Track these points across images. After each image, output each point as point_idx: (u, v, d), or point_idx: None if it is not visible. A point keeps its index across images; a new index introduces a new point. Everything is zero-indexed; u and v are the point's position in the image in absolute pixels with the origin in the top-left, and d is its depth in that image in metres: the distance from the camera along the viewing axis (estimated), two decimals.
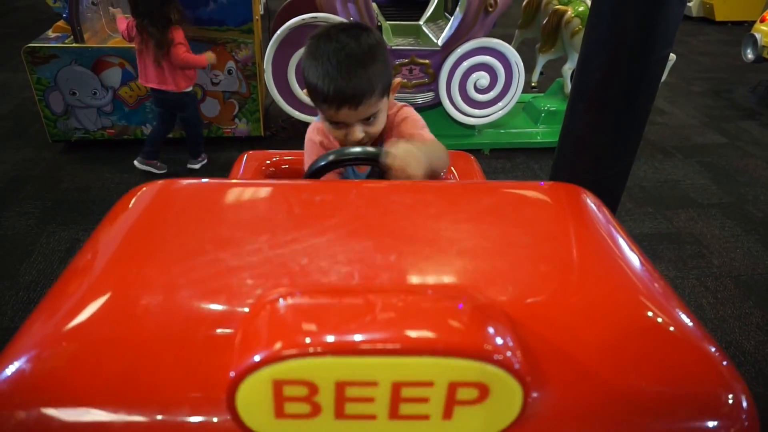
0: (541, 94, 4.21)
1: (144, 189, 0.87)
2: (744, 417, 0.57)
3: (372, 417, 0.53)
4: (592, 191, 0.92)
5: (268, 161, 1.67)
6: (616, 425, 0.57)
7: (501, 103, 3.56)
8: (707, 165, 3.69)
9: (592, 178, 1.98)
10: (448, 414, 0.52)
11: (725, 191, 3.37)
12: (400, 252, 0.70)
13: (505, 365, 0.50)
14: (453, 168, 1.65)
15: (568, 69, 3.83)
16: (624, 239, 0.79)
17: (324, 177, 1.15)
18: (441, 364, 0.49)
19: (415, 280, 0.67)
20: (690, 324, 0.65)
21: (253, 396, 0.50)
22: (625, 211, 3.08)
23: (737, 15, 7.53)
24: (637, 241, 0.82)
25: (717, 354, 0.61)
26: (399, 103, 1.35)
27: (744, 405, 0.58)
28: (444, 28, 3.49)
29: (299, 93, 3.32)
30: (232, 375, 0.50)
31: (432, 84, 3.47)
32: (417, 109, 1.36)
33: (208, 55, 3.10)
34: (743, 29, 6.50)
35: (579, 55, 1.96)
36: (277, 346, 0.49)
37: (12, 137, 3.71)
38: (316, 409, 0.52)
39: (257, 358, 0.49)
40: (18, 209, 2.91)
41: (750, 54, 4.88)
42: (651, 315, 0.65)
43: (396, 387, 0.51)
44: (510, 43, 3.46)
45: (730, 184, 3.46)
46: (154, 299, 0.62)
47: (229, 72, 3.42)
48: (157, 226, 0.79)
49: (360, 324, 0.51)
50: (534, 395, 0.55)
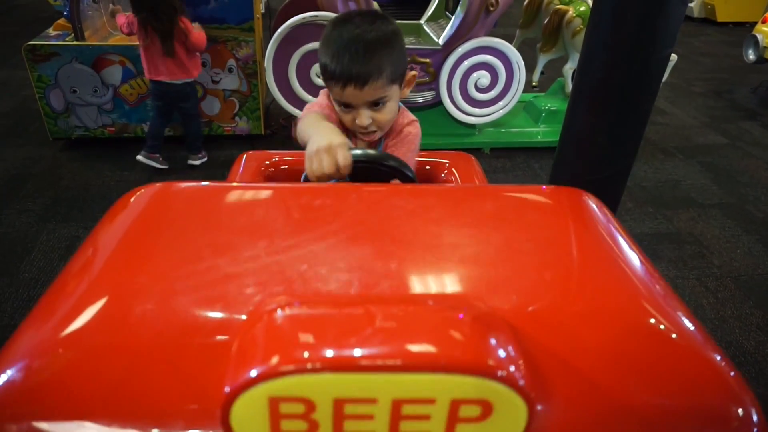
0: (542, 93, 4.20)
1: (141, 191, 0.86)
2: (755, 431, 0.56)
3: None
4: (592, 191, 0.91)
5: (267, 162, 1.66)
6: None
7: (502, 103, 3.55)
8: (708, 165, 3.68)
9: (592, 177, 1.97)
10: None
11: (726, 192, 3.36)
12: (400, 258, 0.69)
13: (509, 381, 0.49)
14: (454, 169, 1.63)
15: (569, 69, 3.82)
16: (628, 245, 0.78)
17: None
18: (443, 380, 0.48)
19: (417, 288, 0.66)
20: (697, 334, 0.63)
21: (249, 413, 0.49)
22: (626, 211, 3.07)
23: (739, 16, 7.52)
24: (637, 241, 0.81)
25: (725, 365, 0.60)
26: (412, 116, 1.36)
27: (754, 419, 0.57)
28: (445, 27, 3.47)
29: (300, 91, 3.31)
30: (227, 390, 0.48)
31: (433, 83, 3.45)
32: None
33: (195, 26, 3.04)
34: (745, 30, 6.47)
35: (580, 55, 1.95)
36: (274, 361, 0.48)
37: (12, 135, 3.70)
38: (313, 427, 0.50)
39: (253, 373, 0.48)
40: (18, 207, 2.90)
41: (751, 55, 4.86)
42: (657, 325, 0.63)
43: (396, 404, 0.49)
44: (511, 43, 3.45)
45: (730, 184, 3.45)
46: (149, 307, 0.61)
47: (230, 70, 3.41)
48: (154, 230, 0.78)
49: (359, 338, 0.49)
50: (538, 408, 0.53)
